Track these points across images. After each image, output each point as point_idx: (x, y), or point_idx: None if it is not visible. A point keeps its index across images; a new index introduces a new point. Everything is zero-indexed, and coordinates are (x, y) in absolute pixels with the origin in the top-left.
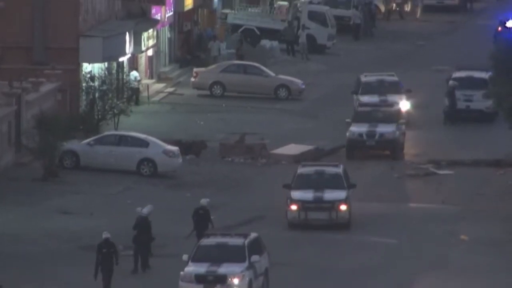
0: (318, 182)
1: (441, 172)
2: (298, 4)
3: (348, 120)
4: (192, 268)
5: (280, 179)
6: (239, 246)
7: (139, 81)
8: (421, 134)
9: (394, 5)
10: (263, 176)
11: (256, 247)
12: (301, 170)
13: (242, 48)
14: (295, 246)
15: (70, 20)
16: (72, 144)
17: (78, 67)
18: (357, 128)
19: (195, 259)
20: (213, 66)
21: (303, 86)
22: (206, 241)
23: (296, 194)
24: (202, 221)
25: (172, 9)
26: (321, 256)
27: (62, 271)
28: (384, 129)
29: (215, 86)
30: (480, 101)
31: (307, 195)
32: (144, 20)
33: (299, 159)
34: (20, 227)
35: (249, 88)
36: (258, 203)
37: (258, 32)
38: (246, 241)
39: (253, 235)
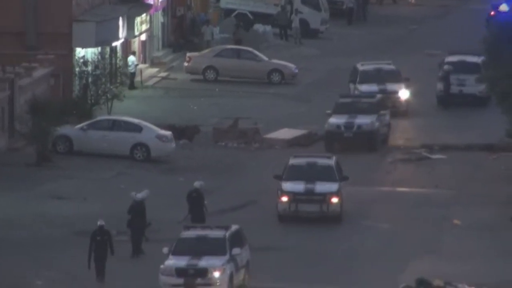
0: (310, 173)
1: (434, 156)
2: None
3: (328, 111)
4: (172, 262)
5: (273, 163)
6: (220, 239)
7: (136, 65)
8: (414, 119)
9: None
10: (256, 161)
11: (237, 239)
12: (292, 161)
13: (238, 33)
14: (287, 231)
15: (63, 5)
16: (65, 129)
17: (71, 52)
18: (335, 120)
19: (176, 252)
20: (206, 51)
21: (296, 71)
22: (186, 234)
23: (287, 185)
24: (196, 204)
25: None
26: (313, 241)
27: (56, 257)
28: (363, 120)
29: (208, 71)
30: (473, 86)
31: (298, 186)
32: (137, 5)
33: (292, 143)
34: (13, 212)
35: (242, 73)
36: (251, 187)
37: (251, 17)
38: (227, 234)
39: (234, 227)
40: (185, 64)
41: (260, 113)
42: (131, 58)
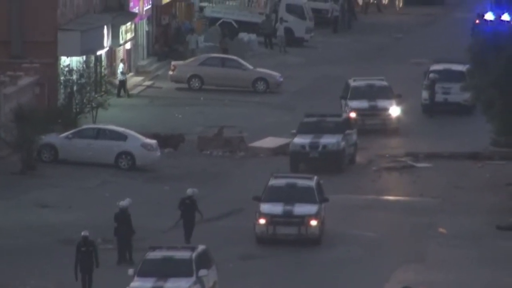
0: (289, 195)
1: (419, 165)
2: None
3: (293, 131)
4: (137, 284)
5: (258, 172)
6: (186, 260)
7: (123, 73)
8: (399, 127)
9: None
10: (242, 169)
11: (204, 260)
12: (272, 182)
13: (224, 41)
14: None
15: (48, 14)
16: (50, 138)
17: (56, 60)
18: (300, 140)
19: (141, 273)
20: (191, 59)
21: (281, 79)
22: (152, 255)
23: (265, 207)
24: (188, 211)
25: (150, 3)
26: (298, 249)
27: (42, 265)
28: (328, 140)
29: (193, 79)
30: (458, 94)
31: (276, 208)
32: (122, 14)
33: (277, 152)
34: None
35: (227, 81)
36: (236, 196)
37: (236, 25)
38: (194, 255)
39: (200, 247)
40: (170, 72)
41: (245, 122)
42: (121, 66)
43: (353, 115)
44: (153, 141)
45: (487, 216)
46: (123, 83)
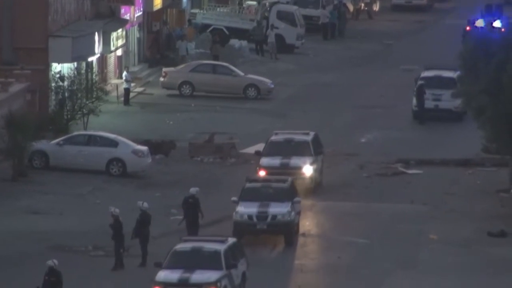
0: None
1: (410, 171)
2: (267, 4)
3: (234, 198)
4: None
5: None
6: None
7: (128, 81)
8: (390, 134)
9: (363, 4)
10: (233, 176)
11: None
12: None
13: (216, 48)
14: (263, 245)
15: (39, 20)
16: (42, 144)
17: (47, 67)
18: (245, 209)
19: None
20: (182, 66)
21: (272, 86)
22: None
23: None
24: (191, 209)
25: (141, 9)
26: (290, 255)
27: (32, 272)
28: (278, 209)
29: (184, 86)
30: (448, 101)
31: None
32: (113, 20)
33: None
34: None
35: (218, 88)
36: (227, 202)
37: (227, 32)
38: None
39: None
40: (161, 79)
41: (236, 128)
42: (124, 74)
43: (262, 173)
44: (144, 148)
45: (478, 223)
46: (128, 91)
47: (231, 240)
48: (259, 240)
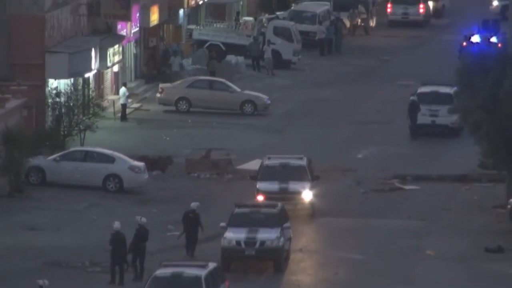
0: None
1: (407, 187)
2: (264, 20)
3: (222, 224)
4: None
5: (245, 194)
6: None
7: (127, 96)
8: (387, 149)
9: (359, 20)
10: (229, 192)
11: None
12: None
13: (212, 64)
14: (260, 262)
15: (36, 36)
16: (38, 160)
17: (44, 83)
18: (233, 235)
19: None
20: (178, 82)
21: (269, 102)
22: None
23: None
24: (191, 224)
25: (138, 25)
26: (286, 271)
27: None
28: (266, 235)
29: (181, 102)
30: (445, 116)
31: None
32: (109, 36)
33: None
34: None
35: (215, 104)
36: (223, 218)
37: (223, 48)
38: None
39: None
40: (158, 95)
41: (233, 144)
42: (123, 90)
43: (260, 198)
44: (140, 164)
45: (475, 238)
46: (125, 106)
47: (212, 265)
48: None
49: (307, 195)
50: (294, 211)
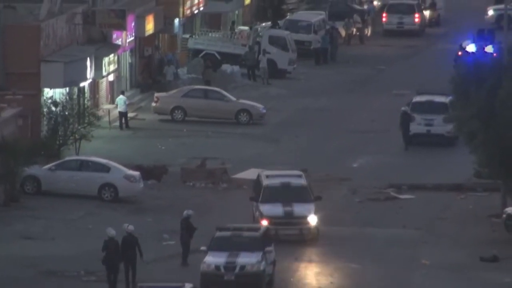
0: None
1: (402, 196)
2: (259, 29)
3: (203, 247)
4: None
5: (241, 203)
6: None
7: (127, 104)
8: (382, 158)
9: (355, 29)
10: (225, 201)
11: None
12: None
13: (208, 73)
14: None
15: (31, 45)
16: (34, 169)
17: (40, 92)
18: (213, 259)
19: None
20: (174, 91)
21: (264, 111)
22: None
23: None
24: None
25: (133, 34)
26: (281, 281)
27: None
28: (247, 259)
29: (176, 111)
30: (440, 126)
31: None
32: (105, 45)
33: None
34: None
35: (210, 113)
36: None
37: (219, 57)
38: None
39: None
40: (153, 104)
41: (228, 153)
42: (122, 98)
43: (265, 223)
44: (136, 173)
45: (470, 248)
46: (124, 114)
47: (188, 286)
48: None
49: (312, 219)
50: (298, 236)
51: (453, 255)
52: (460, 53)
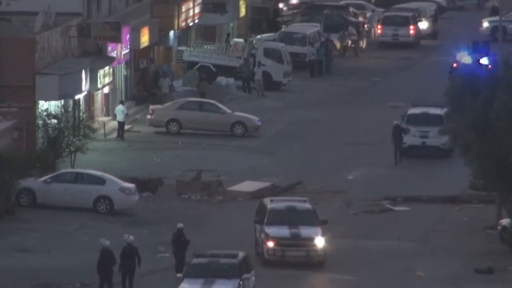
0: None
1: (397, 208)
2: (254, 41)
3: (179, 274)
4: None
5: (236, 216)
6: None
7: (126, 114)
8: (377, 171)
9: (350, 41)
10: (220, 213)
11: None
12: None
13: (203, 85)
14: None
15: (26, 58)
16: (29, 182)
17: (35, 105)
18: (188, 285)
19: None
20: (169, 103)
21: (259, 123)
22: None
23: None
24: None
25: (128, 47)
26: None
27: None
28: (223, 286)
29: (171, 123)
30: (435, 138)
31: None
32: (100, 58)
33: (255, 195)
34: None
35: (206, 125)
36: (214, 240)
37: (214, 69)
38: None
39: None
40: (148, 116)
41: (223, 166)
42: (121, 107)
43: (271, 244)
44: (131, 185)
45: (465, 259)
46: (122, 124)
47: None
48: None
49: (319, 241)
50: (305, 258)
51: (448, 267)
52: (455, 65)
